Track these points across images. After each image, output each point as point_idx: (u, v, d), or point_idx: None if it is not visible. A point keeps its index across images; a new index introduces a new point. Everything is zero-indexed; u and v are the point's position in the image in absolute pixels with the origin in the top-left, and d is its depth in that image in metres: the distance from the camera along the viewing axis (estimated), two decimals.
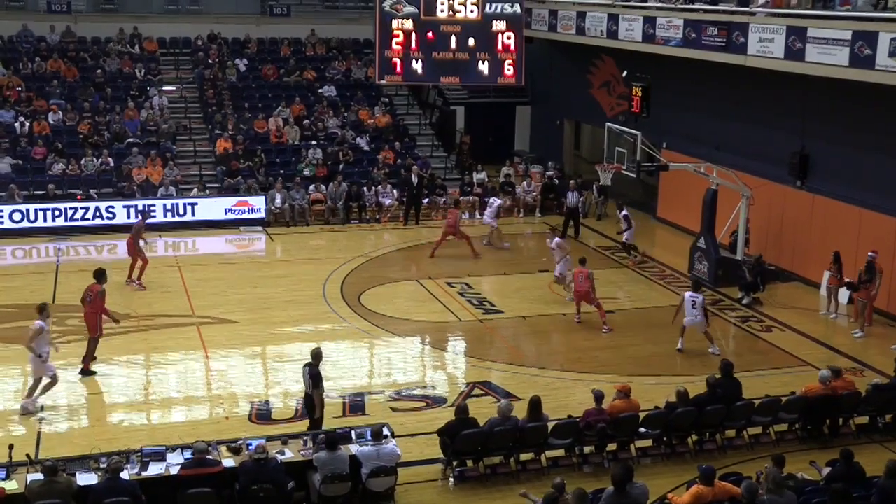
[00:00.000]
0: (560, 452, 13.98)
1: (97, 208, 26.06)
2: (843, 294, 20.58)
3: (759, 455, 14.01)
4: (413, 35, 27.56)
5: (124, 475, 11.54)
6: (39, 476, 11.36)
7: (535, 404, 13.74)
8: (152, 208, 26.18)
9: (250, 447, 12.31)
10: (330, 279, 22.40)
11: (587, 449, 14.10)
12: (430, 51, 27.70)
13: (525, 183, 29.97)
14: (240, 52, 34.42)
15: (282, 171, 28.81)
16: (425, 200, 28.42)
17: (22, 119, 29.25)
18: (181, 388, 16.67)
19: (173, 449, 12.47)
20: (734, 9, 22.72)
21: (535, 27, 30.38)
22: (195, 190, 27.82)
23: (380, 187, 28.51)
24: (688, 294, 18.26)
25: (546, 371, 17.35)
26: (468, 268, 23.42)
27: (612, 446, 14.18)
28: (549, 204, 29.56)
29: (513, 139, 36.31)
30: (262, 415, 15.49)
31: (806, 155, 22.46)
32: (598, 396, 14.06)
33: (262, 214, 27.12)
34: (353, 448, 12.70)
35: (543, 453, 13.87)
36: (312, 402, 13.93)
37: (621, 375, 16.81)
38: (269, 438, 12.94)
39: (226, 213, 27.03)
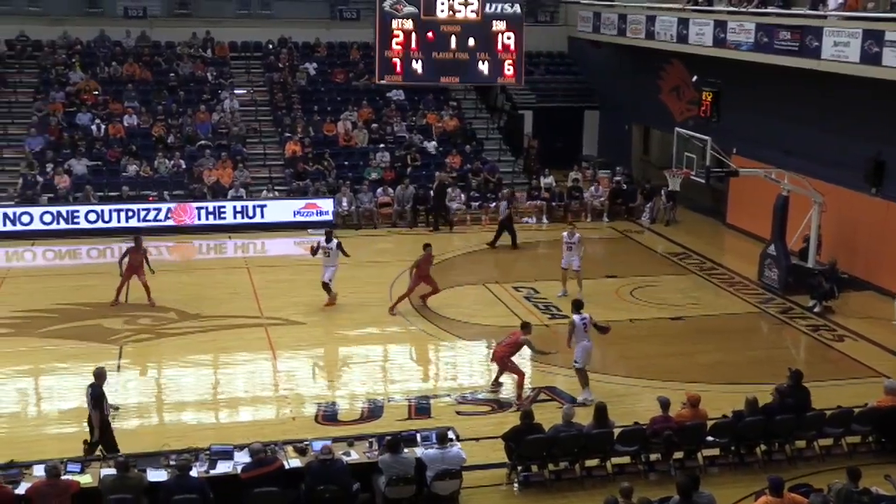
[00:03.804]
0: (626, 459, 13.85)
1: (168, 209, 26.54)
2: None
3: (831, 467, 13.70)
4: (413, 35, 27.42)
5: (193, 473, 11.72)
6: (112, 471, 11.61)
7: (601, 410, 13.68)
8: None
9: (315, 448, 12.42)
10: (396, 282, 22.49)
11: (653, 456, 13.95)
12: (430, 51, 27.54)
13: (593, 188, 29.79)
14: (309, 55, 34.72)
15: (350, 174, 29.04)
16: (491, 204, 28.36)
17: (98, 121, 29.91)
18: (248, 389, 16.85)
19: (241, 448, 12.62)
20: (807, 12, 22.31)
21: (604, 31, 30.20)
22: (264, 192, 28.19)
23: (448, 191, 28.54)
24: (577, 318, 16.15)
25: (612, 377, 17.19)
26: (535, 272, 23.32)
27: (678, 454, 14.01)
28: (617, 209, 29.41)
29: (581, 144, 36.08)
30: (328, 416, 15.62)
31: (882, 161, 21.95)
32: (664, 403, 13.93)
33: (329, 217, 27.34)
34: (419, 451, 12.73)
35: (609, 460, 13.77)
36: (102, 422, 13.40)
37: (688, 383, 16.61)
38: (335, 440, 13.04)
39: (294, 216, 27.28)
